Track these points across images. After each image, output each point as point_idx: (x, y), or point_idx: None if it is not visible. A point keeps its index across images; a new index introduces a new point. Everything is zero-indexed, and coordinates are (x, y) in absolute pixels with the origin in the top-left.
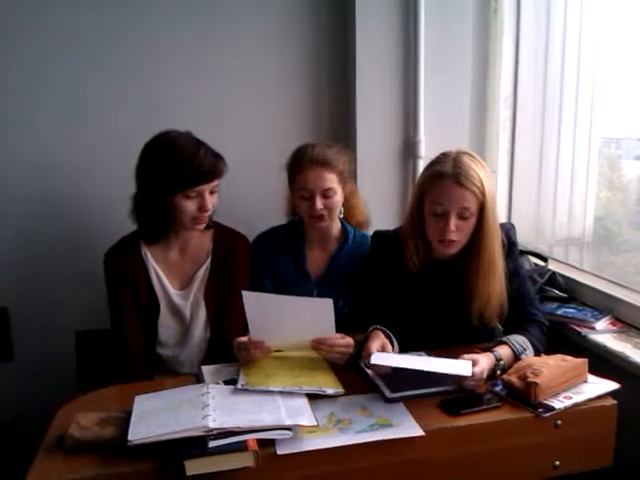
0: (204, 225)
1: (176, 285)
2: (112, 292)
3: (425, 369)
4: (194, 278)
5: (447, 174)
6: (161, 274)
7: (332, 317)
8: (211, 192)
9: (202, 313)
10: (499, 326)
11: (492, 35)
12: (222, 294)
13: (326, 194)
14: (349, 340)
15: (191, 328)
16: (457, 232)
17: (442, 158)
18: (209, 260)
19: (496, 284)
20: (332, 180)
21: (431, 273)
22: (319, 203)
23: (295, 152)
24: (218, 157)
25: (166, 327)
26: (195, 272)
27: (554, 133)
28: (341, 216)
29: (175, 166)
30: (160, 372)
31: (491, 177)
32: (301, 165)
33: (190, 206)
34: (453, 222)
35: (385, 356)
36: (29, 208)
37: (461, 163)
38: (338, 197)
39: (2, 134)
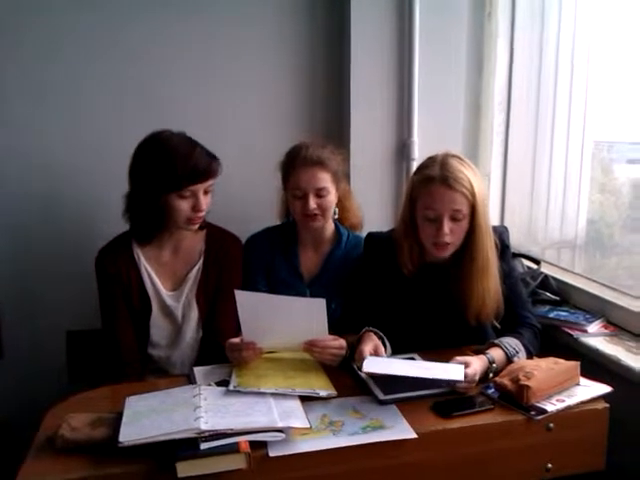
0: (198, 225)
1: (168, 286)
2: (103, 292)
3: (417, 375)
4: (186, 279)
5: (435, 178)
6: (153, 275)
7: (325, 317)
8: (205, 192)
9: (194, 314)
10: (497, 324)
11: (486, 38)
12: (214, 295)
13: (319, 193)
14: (342, 342)
15: (183, 329)
16: (451, 235)
17: (429, 162)
18: (201, 261)
19: (491, 284)
20: (326, 179)
21: (425, 275)
22: (312, 202)
23: (289, 152)
24: (212, 157)
25: (158, 328)
26: (187, 273)
27: (547, 136)
28: (336, 217)
29: (169, 166)
30: (151, 373)
31: (481, 178)
32: (295, 164)
33: (184, 206)
34: (446, 225)
35: (377, 361)
36: (24, 207)
37: (448, 166)
38: (332, 197)
39: (1, 133)
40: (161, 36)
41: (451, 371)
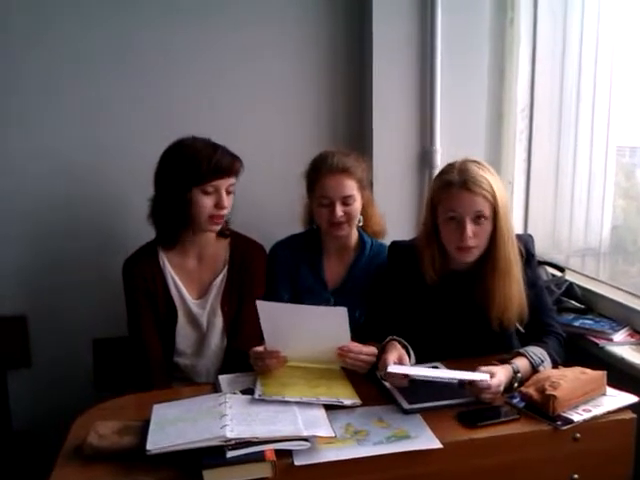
0: (219, 226)
1: (194, 294)
2: (130, 300)
3: (441, 376)
4: (211, 287)
5: (455, 182)
6: (179, 283)
7: (347, 326)
8: (227, 192)
9: (219, 322)
10: (520, 328)
11: (508, 44)
12: (238, 303)
13: (346, 201)
14: (373, 349)
15: (208, 337)
16: (474, 237)
17: (448, 168)
18: (226, 269)
19: (513, 287)
20: (352, 187)
21: (448, 283)
22: (339, 210)
23: (314, 160)
24: (235, 157)
25: (183, 336)
26: (212, 281)
27: (570, 143)
28: (360, 224)
29: (193, 163)
30: (177, 381)
31: (501, 181)
32: (320, 173)
33: (207, 202)
34: (469, 228)
35: (401, 369)
36: (47, 216)
37: (467, 170)
38: (357, 204)
39: (19, 138)
40: (177, 37)
41: (476, 375)
